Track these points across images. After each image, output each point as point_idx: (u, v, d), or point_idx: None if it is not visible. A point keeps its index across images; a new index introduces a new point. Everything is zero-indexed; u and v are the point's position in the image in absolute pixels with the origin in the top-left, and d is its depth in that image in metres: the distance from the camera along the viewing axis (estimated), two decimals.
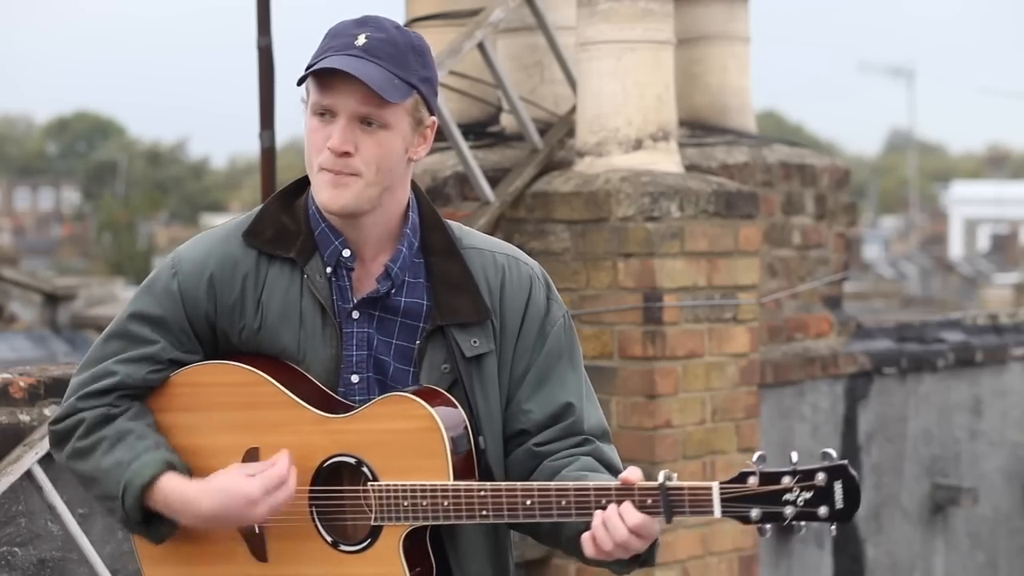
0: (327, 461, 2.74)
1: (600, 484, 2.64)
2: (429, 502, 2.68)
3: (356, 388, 2.78)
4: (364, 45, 2.69)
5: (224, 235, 2.83)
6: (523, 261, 2.88)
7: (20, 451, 4.40)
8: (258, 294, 2.78)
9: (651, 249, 5.51)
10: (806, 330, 6.74)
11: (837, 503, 2.58)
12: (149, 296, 2.82)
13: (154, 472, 2.73)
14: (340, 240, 2.77)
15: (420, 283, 2.80)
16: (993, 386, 7.61)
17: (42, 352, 14.93)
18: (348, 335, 2.78)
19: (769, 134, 7.89)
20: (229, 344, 2.81)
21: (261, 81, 6.02)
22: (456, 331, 2.77)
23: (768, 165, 6.56)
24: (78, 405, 2.81)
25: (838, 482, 2.58)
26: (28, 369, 4.68)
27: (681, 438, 5.59)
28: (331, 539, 2.75)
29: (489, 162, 5.97)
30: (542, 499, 2.65)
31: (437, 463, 2.69)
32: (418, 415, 2.70)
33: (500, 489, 2.67)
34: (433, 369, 2.78)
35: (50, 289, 17.20)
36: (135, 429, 2.77)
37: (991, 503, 7.55)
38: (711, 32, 6.73)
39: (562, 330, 2.86)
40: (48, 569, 4.49)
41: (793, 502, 2.58)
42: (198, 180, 73.98)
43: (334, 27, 2.77)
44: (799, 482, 2.58)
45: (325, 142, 2.70)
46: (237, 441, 2.78)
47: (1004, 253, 40.44)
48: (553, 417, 2.81)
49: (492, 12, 5.85)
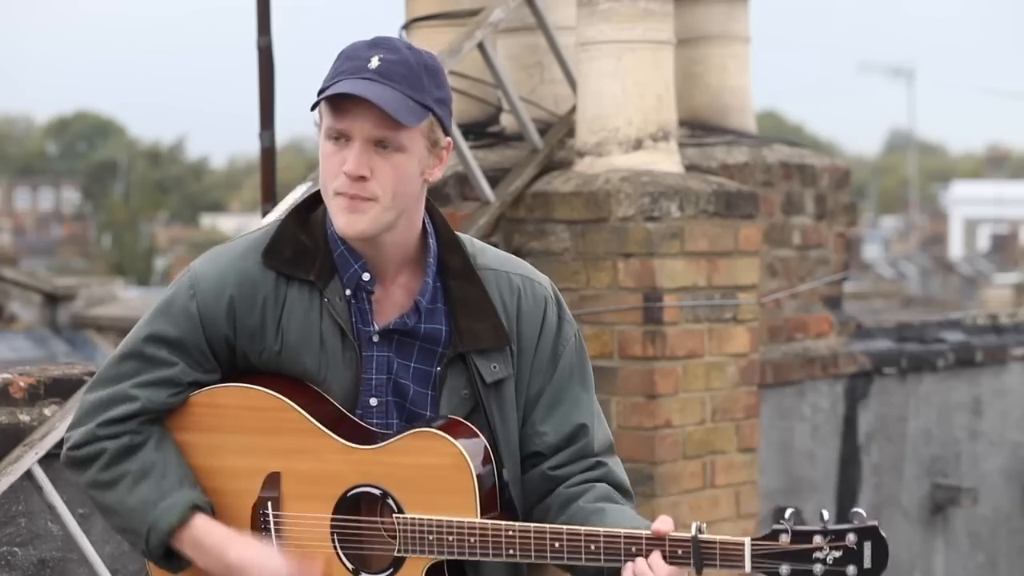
0: (351, 491, 2.74)
1: (630, 532, 2.66)
2: (456, 538, 2.69)
3: (375, 411, 2.79)
4: (378, 68, 2.66)
5: (242, 253, 2.80)
6: (537, 281, 2.87)
7: (20, 451, 4.40)
8: (278, 317, 2.77)
9: (651, 249, 5.51)
10: (806, 330, 6.74)
11: (865, 563, 2.61)
12: (166, 317, 2.78)
13: (181, 516, 2.74)
14: (360, 264, 2.76)
15: (439, 308, 2.80)
16: (993, 386, 7.61)
17: (42, 352, 14.93)
18: (368, 359, 2.78)
19: (769, 134, 7.89)
20: (248, 363, 2.80)
21: (261, 81, 6.02)
22: (476, 357, 2.77)
23: (768, 165, 6.56)
24: (98, 432, 2.78)
25: (868, 542, 2.62)
26: (28, 369, 4.68)
27: (681, 438, 5.59)
28: (352, 567, 2.75)
29: (489, 162, 5.98)
30: (571, 543, 2.67)
31: (464, 500, 2.71)
32: (447, 452, 2.70)
33: (528, 530, 2.68)
34: (453, 395, 2.78)
35: (50, 289, 17.19)
36: (158, 464, 2.76)
37: (991, 503, 7.56)
38: (711, 32, 6.73)
39: (574, 349, 2.86)
40: (48, 569, 4.49)
41: (823, 560, 2.61)
42: (198, 180, 73.97)
43: (346, 49, 2.74)
44: (830, 542, 2.61)
45: (340, 167, 2.68)
46: (258, 464, 2.78)
47: (1004, 253, 40.40)
48: (567, 439, 2.82)
49: (492, 12, 5.85)
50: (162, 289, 5.31)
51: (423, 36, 6.46)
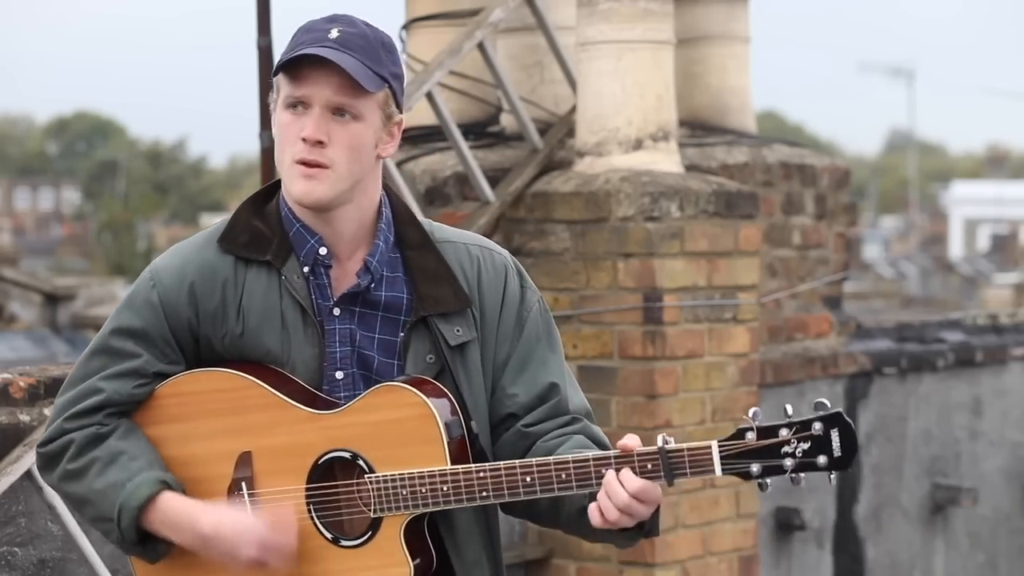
0: (322, 458, 2.75)
1: (599, 454, 2.67)
2: (428, 489, 2.69)
3: (341, 384, 2.79)
4: (337, 38, 2.73)
5: (201, 243, 2.84)
6: (496, 251, 2.90)
7: (20, 451, 4.40)
8: (238, 299, 2.79)
9: (651, 249, 5.51)
10: (806, 330, 6.75)
11: (835, 451, 2.61)
12: (129, 310, 2.81)
13: (150, 492, 2.73)
14: (316, 239, 2.79)
15: (399, 277, 2.82)
16: (993, 386, 7.61)
17: (42, 352, 14.93)
18: (330, 332, 2.79)
19: (769, 134, 7.89)
20: (212, 351, 2.81)
21: (261, 81, 6.02)
22: (439, 321, 2.79)
23: (768, 165, 6.56)
24: (65, 426, 2.79)
25: (834, 430, 2.61)
26: (28, 369, 4.68)
27: (681, 438, 5.56)
28: (331, 536, 2.75)
29: (489, 162, 5.98)
30: (542, 474, 2.66)
31: (433, 449, 2.70)
32: (410, 403, 2.71)
33: (499, 468, 2.68)
34: (418, 360, 2.79)
35: (50, 289, 17.20)
36: (127, 449, 2.77)
37: (991, 503, 7.56)
38: (711, 32, 6.73)
39: (539, 314, 2.88)
40: (48, 569, 4.49)
41: (792, 454, 2.60)
42: (198, 180, 73.97)
43: (304, 24, 2.80)
44: (796, 433, 2.60)
45: (299, 135, 2.73)
46: (229, 447, 2.78)
47: (1004, 253, 40.40)
48: (539, 398, 2.83)
49: (492, 12, 5.85)
50: None
51: (423, 36, 6.47)
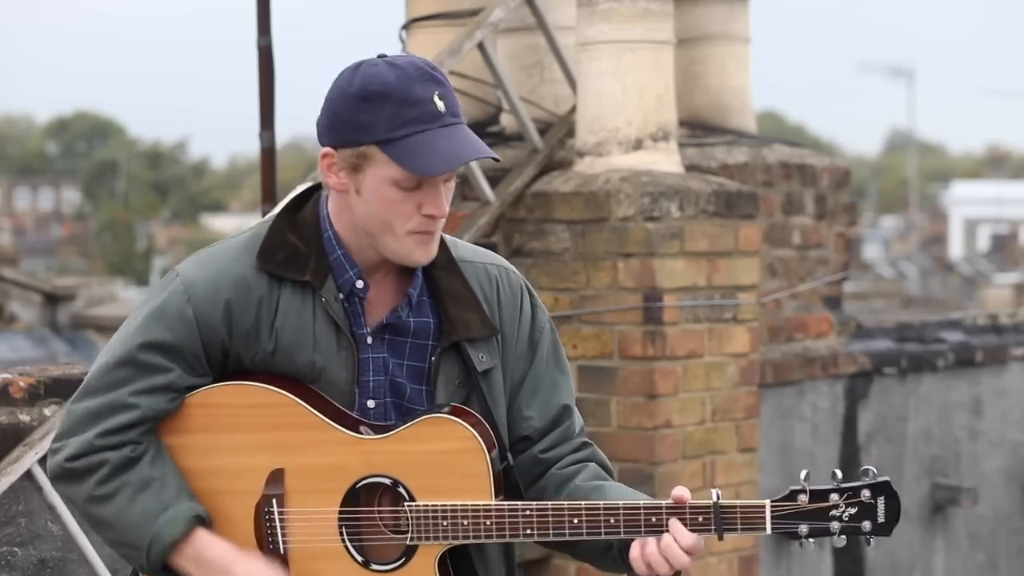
0: (359, 482, 2.73)
1: (650, 503, 2.70)
2: (471, 522, 2.70)
3: (372, 413, 2.78)
4: (447, 108, 2.76)
5: (233, 255, 2.78)
6: (511, 271, 2.91)
7: (20, 451, 4.40)
8: (272, 318, 2.75)
9: (651, 249, 5.51)
10: (806, 330, 6.75)
11: (879, 517, 2.70)
12: (159, 323, 2.73)
13: (184, 529, 2.70)
14: (355, 271, 2.77)
15: (425, 301, 2.81)
16: (993, 386, 7.61)
17: (42, 352, 14.92)
18: (364, 361, 2.77)
19: (769, 134, 7.89)
20: (240, 366, 2.77)
21: (261, 81, 6.02)
22: (468, 346, 2.79)
23: (768, 165, 6.56)
24: (97, 443, 2.71)
25: (881, 498, 2.70)
26: (28, 369, 4.69)
27: (681, 438, 5.59)
28: (361, 559, 2.74)
29: (489, 162, 5.97)
30: (590, 518, 2.69)
31: (478, 483, 2.71)
32: (460, 436, 2.71)
33: (546, 509, 2.70)
34: (448, 385, 2.79)
35: (50, 289, 17.19)
36: (158, 476, 2.72)
37: (991, 503, 7.55)
38: (711, 32, 6.73)
39: (549, 336, 2.90)
40: (48, 569, 4.49)
41: (839, 517, 2.69)
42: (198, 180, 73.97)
43: (393, 89, 2.69)
44: (846, 499, 2.69)
45: (416, 210, 2.71)
46: (261, 462, 2.75)
47: (1004, 253, 40.40)
48: (552, 422, 2.85)
49: (492, 12, 5.85)
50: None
51: (423, 36, 6.47)
